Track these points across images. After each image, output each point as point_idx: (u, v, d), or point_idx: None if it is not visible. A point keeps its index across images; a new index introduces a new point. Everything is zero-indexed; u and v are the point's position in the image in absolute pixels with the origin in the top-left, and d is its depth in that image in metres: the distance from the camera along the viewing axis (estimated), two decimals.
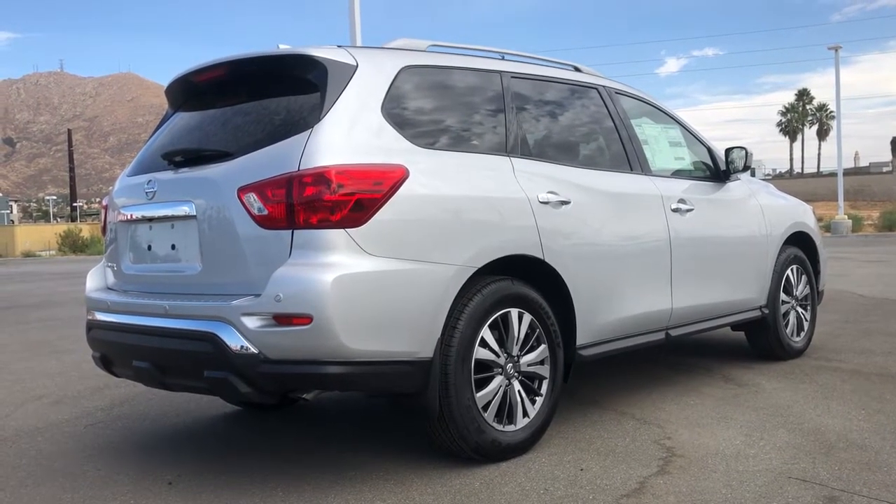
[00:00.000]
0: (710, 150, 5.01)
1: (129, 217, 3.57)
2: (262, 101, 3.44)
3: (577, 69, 4.52)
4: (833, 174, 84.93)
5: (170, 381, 3.33)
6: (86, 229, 52.72)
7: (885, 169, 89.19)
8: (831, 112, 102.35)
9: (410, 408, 3.26)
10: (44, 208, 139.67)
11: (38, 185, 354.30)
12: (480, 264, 3.30)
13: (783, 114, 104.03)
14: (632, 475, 3.19)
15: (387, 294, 3.03)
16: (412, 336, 3.09)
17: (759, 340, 5.33)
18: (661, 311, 4.26)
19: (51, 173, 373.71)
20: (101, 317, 3.60)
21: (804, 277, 5.56)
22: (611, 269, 3.94)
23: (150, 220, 3.45)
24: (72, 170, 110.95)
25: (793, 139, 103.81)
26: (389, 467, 3.37)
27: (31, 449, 4.01)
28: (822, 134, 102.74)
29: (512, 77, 3.90)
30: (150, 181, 3.41)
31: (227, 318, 2.96)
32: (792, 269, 5.42)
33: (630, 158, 4.32)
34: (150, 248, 3.49)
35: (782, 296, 5.30)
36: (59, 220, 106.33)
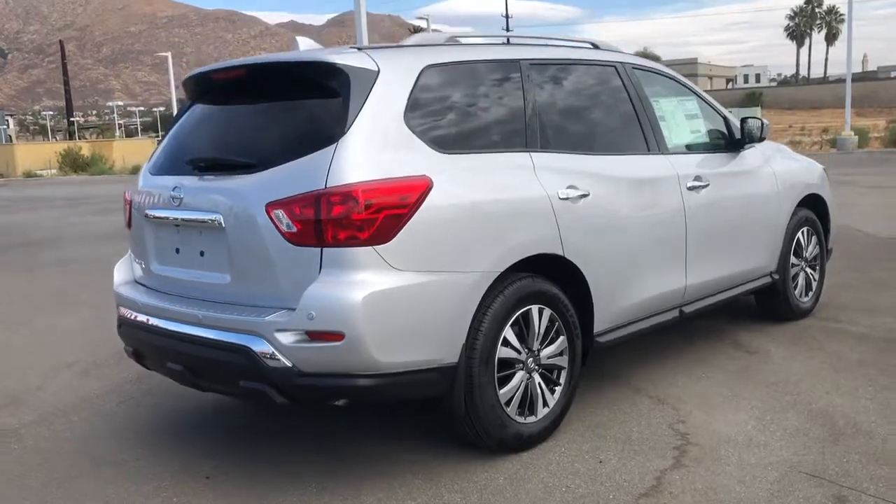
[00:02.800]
0: (725, 119, 4.99)
1: (155, 217, 3.62)
2: (283, 108, 3.44)
3: (595, 46, 4.47)
4: (840, 80, 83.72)
5: (204, 385, 3.46)
6: (85, 147, 52.40)
7: (893, 74, 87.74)
8: (841, 15, 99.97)
9: (436, 407, 3.39)
10: (41, 122, 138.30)
11: (32, 98, 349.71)
12: (503, 268, 3.37)
13: (791, 18, 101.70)
14: (648, 469, 3.34)
15: (414, 307, 3.12)
16: (438, 344, 3.19)
17: (767, 303, 5.43)
18: (676, 291, 4.35)
19: (45, 85, 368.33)
20: (132, 315, 3.69)
21: (814, 238, 5.63)
22: (628, 257, 4.00)
23: (178, 224, 3.50)
24: (66, 83, 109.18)
25: (800, 44, 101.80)
26: (417, 462, 3.52)
27: (67, 431, 4.17)
28: (831, 38, 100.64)
29: (531, 65, 3.87)
30: (176, 187, 3.44)
31: (261, 333, 3.05)
32: (803, 232, 5.48)
33: (647, 138, 4.33)
34: (177, 251, 3.55)
35: (792, 259, 5.38)
36: (57, 135, 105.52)
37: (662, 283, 4.25)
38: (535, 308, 3.53)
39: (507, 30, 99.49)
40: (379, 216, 3.03)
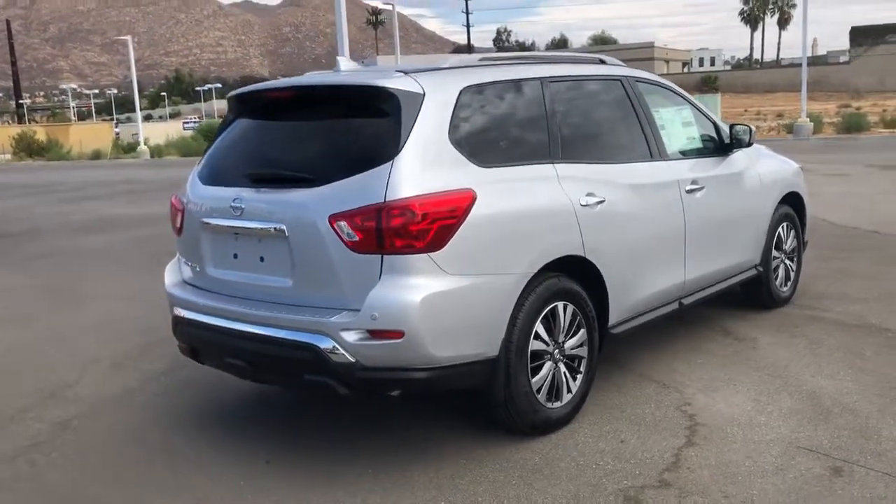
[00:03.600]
0: (715, 125, 5.43)
1: (213, 225, 3.92)
2: (336, 126, 3.76)
3: (602, 62, 4.85)
4: (792, 65, 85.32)
5: (265, 378, 3.79)
6: (40, 131, 51.46)
7: (842, 59, 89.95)
8: (792, 1, 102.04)
9: (475, 396, 3.78)
10: None
11: None
12: (536, 270, 3.75)
13: (745, 2, 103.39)
14: (666, 447, 3.76)
15: (463, 307, 3.49)
16: (483, 339, 3.57)
17: (752, 293, 5.90)
18: (676, 285, 4.78)
19: None
20: (189, 315, 3.99)
21: (792, 232, 6.11)
22: (637, 256, 4.41)
23: (237, 232, 3.81)
24: (14, 63, 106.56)
25: (754, 28, 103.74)
26: (459, 444, 3.89)
27: (119, 423, 4.46)
28: (783, 22, 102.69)
29: (550, 82, 4.24)
30: (236, 199, 3.74)
31: (328, 332, 3.39)
32: (783, 227, 5.95)
33: (650, 146, 4.73)
34: (235, 256, 3.86)
35: (773, 252, 5.86)
36: (6, 117, 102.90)
37: (666, 278, 4.67)
38: (560, 304, 3.92)
39: (467, 12, 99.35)
40: (433, 226, 3.38)
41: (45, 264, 9.94)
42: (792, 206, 6.10)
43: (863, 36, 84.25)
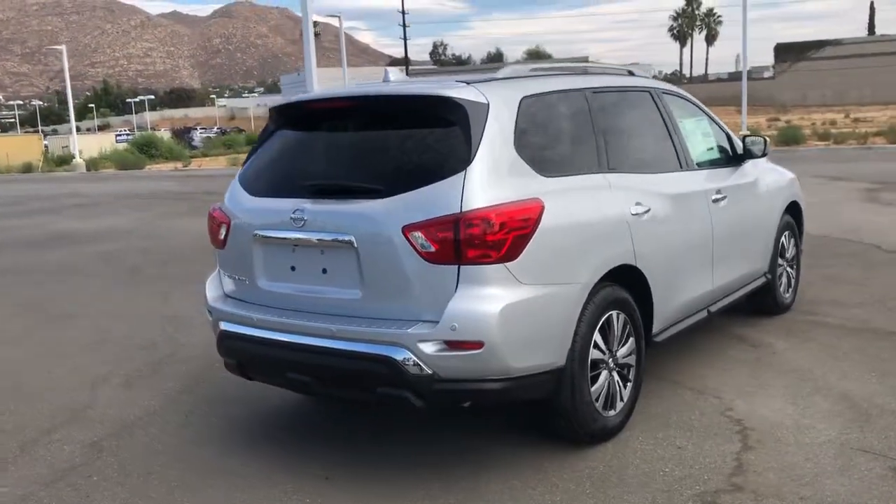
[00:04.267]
0: (728, 136, 5.57)
1: (267, 237, 3.83)
2: (399, 137, 3.71)
3: (630, 73, 4.93)
4: (719, 80, 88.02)
5: (330, 392, 3.71)
6: None
7: (766, 74, 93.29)
8: (719, 17, 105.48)
9: (537, 406, 3.78)
10: None
11: None
12: (597, 279, 3.78)
13: (674, 18, 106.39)
14: (724, 452, 3.82)
15: (537, 317, 3.49)
16: (553, 349, 3.58)
17: (758, 300, 6.05)
18: (707, 293, 4.88)
19: None
20: (240, 330, 3.88)
21: (792, 240, 6.30)
22: (676, 265, 4.48)
23: (296, 244, 3.73)
24: None
25: (683, 43, 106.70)
26: (518, 455, 3.88)
27: (155, 444, 4.31)
28: (710, 39, 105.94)
29: (594, 92, 4.29)
30: (297, 210, 3.66)
31: (405, 344, 3.35)
32: (785, 235, 6.13)
33: (679, 157, 4.82)
34: (293, 268, 3.78)
35: (779, 259, 6.03)
36: None
37: (698, 286, 4.76)
38: (614, 313, 3.96)
39: (404, 25, 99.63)
40: (509, 236, 3.38)
41: (9, 281, 9.55)
42: (791, 214, 6.29)
43: (786, 52, 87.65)
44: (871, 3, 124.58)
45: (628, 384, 4.12)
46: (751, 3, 27.48)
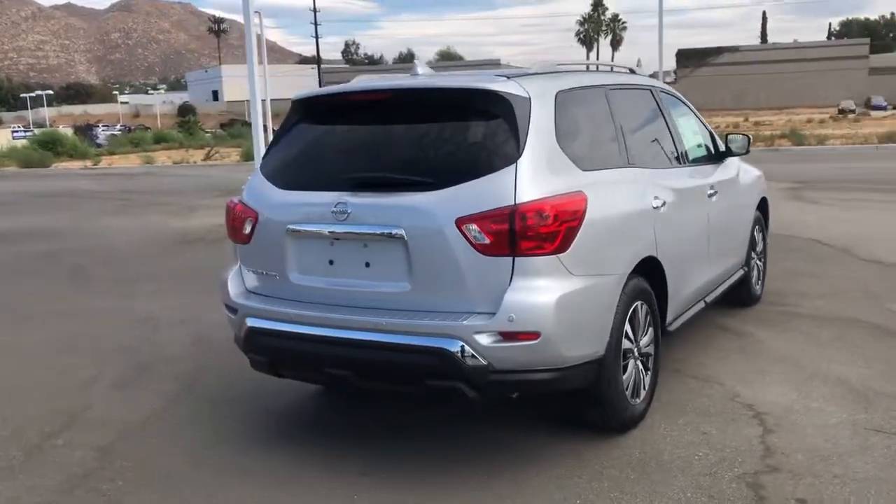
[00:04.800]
0: (711, 134, 5.78)
1: (303, 231, 3.75)
2: (444, 131, 3.70)
3: (632, 71, 5.06)
4: None
5: (372, 386, 3.68)
6: None
7: (667, 79, 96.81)
8: (623, 23, 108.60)
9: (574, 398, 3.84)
10: None
11: None
12: (631, 270, 3.87)
13: (581, 23, 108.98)
14: (748, 435, 3.97)
15: (585, 307, 3.56)
16: (597, 339, 3.65)
17: (734, 292, 6.29)
18: (704, 284, 5.06)
19: None
20: (272, 326, 3.79)
21: (761, 234, 6.59)
22: (685, 256, 4.64)
23: (337, 237, 3.67)
24: None
25: (589, 48, 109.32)
26: (553, 445, 3.93)
27: (170, 446, 4.17)
28: (616, 44, 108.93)
29: (611, 89, 4.40)
30: (339, 203, 3.61)
31: (460, 336, 3.35)
32: (755, 230, 6.41)
33: (678, 153, 4.99)
34: (331, 262, 3.72)
35: (752, 253, 6.30)
36: None
37: (700, 277, 4.94)
38: (639, 304, 4.06)
39: (316, 23, 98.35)
40: (562, 228, 3.43)
41: None
42: (759, 209, 6.57)
43: (687, 58, 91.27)
44: (764, 13, 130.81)
45: (648, 373, 4.23)
46: (653, 10, 28.31)
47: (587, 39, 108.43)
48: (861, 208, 12.14)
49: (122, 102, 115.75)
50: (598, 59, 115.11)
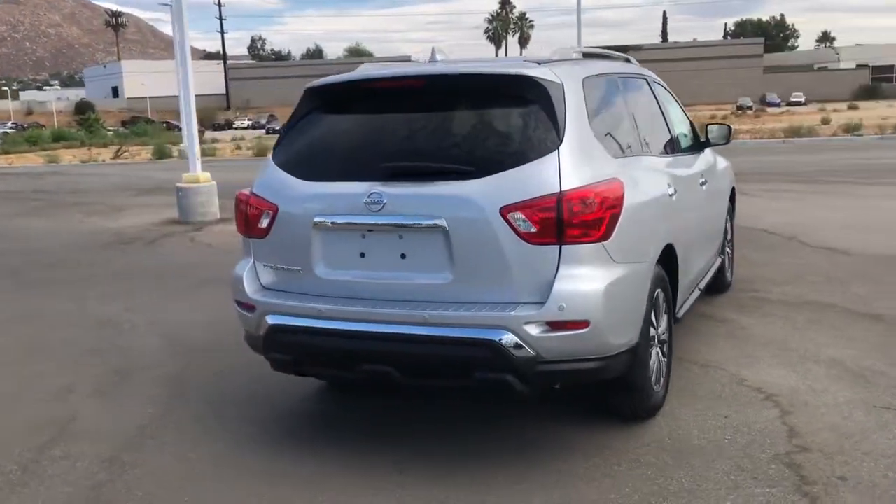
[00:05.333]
0: (691, 123, 5.88)
1: (332, 223, 3.60)
2: (478, 117, 3.62)
3: (627, 60, 5.09)
4: None
5: (413, 382, 3.56)
6: None
7: None
8: (531, 22, 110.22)
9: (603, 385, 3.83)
10: None
11: None
12: (658, 257, 3.89)
13: (490, 21, 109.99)
14: (768, 417, 4.04)
15: (627, 295, 3.54)
16: (634, 327, 3.64)
17: (711, 278, 6.43)
18: (700, 271, 5.14)
19: None
20: (299, 323, 3.62)
21: (730, 223, 6.76)
22: (690, 244, 4.69)
23: (370, 229, 3.54)
24: None
25: (498, 45, 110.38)
26: (581, 436, 3.90)
27: (181, 450, 3.96)
28: (524, 42, 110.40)
29: (620, 77, 4.40)
30: (372, 193, 3.48)
31: (509, 326, 3.28)
32: (726, 218, 6.57)
33: (674, 142, 5.05)
34: (362, 255, 3.58)
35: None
36: None
37: (697, 264, 5.02)
38: (659, 291, 4.08)
39: (221, 18, 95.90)
40: (606, 215, 3.40)
41: None
42: (730, 200, 6.74)
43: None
44: (664, 13, 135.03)
45: (664, 360, 4.26)
46: (556, 9, 28.88)
47: (496, 37, 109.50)
48: (788, 199, 12.66)
49: (12, 99, 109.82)
50: (506, 55, 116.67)
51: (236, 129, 71.11)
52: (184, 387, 4.87)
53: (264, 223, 3.80)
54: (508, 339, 3.28)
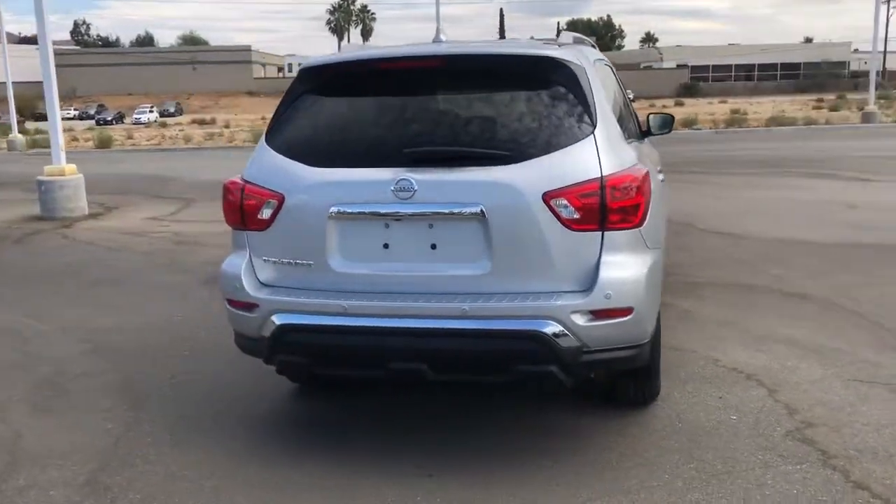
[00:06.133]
0: (634, 112, 5.98)
1: (352, 213, 3.33)
2: (505, 100, 3.45)
3: (594, 46, 5.07)
4: None
5: (449, 378, 3.36)
6: None
7: None
8: (373, 14, 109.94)
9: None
10: None
11: None
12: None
13: (331, 12, 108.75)
14: (758, 396, 4.15)
15: (657, 280, 3.53)
16: (657, 313, 3.63)
17: None
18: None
19: None
20: (315, 321, 3.33)
21: None
22: (661, 228, 4.75)
23: (397, 218, 3.30)
24: None
25: (340, 37, 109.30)
26: (604, 426, 3.85)
27: (167, 466, 3.56)
28: (366, 34, 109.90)
29: (605, 63, 4.38)
30: (400, 180, 3.24)
31: (556, 316, 3.15)
32: None
33: (636, 129, 5.09)
34: (386, 246, 3.34)
35: None
36: None
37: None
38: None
39: None
40: (641, 200, 3.34)
41: None
42: None
43: None
44: (501, 10, 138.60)
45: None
46: (397, 3, 28.82)
47: (338, 29, 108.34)
48: (678, 189, 13.26)
49: None
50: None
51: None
52: (138, 397, 4.40)
53: (266, 214, 3.47)
54: (555, 329, 3.16)
